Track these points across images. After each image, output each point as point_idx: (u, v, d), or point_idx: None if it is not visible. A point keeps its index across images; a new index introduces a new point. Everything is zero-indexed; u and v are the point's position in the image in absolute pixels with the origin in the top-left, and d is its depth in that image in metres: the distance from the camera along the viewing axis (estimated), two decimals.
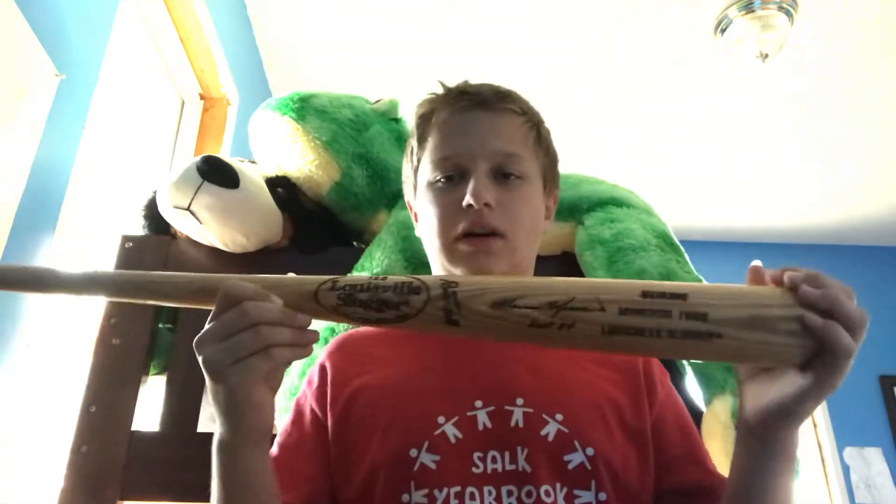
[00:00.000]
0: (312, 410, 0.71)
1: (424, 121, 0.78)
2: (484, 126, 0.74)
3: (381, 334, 0.77)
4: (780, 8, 2.30)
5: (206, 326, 0.55)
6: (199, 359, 0.56)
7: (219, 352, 0.54)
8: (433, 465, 0.61)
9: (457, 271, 0.72)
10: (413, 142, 0.79)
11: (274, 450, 0.70)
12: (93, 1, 1.36)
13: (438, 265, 0.76)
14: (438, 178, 0.74)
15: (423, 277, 0.56)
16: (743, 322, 0.50)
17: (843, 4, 2.33)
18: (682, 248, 1.11)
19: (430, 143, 0.76)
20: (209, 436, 0.59)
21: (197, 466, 0.97)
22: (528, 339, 0.54)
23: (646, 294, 0.51)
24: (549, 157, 0.80)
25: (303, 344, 0.55)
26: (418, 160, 0.78)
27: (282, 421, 0.78)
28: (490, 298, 0.53)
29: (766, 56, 2.37)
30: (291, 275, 0.60)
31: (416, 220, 0.82)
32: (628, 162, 3.26)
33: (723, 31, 2.42)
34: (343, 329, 0.97)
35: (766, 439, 0.55)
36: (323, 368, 0.74)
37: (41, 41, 1.12)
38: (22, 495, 1.17)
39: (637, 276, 1.03)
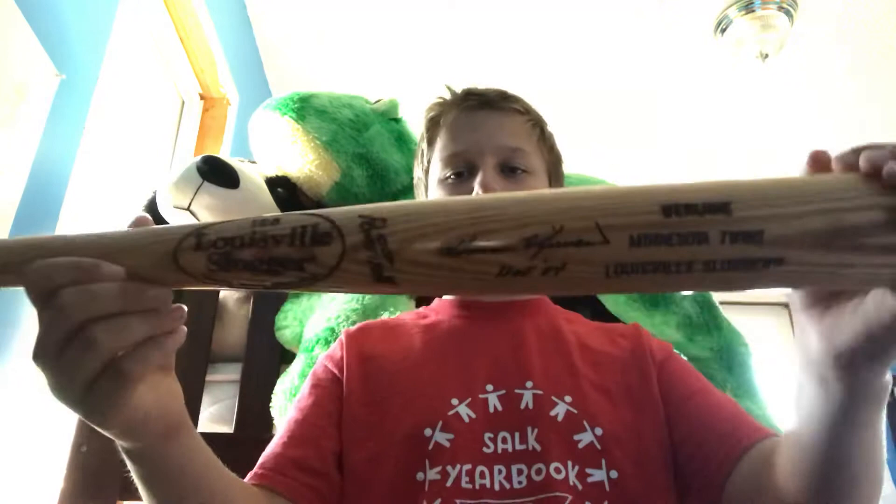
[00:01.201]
0: (330, 372, 0.72)
1: (433, 123, 0.81)
2: (490, 123, 0.77)
3: (394, 325, 0.79)
4: (780, 8, 2.31)
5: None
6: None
7: (57, 376, 0.38)
8: (447, 444, 0.62)
9: None
10: (423, 144, 0.83)
11: (292, 413, 0.70)
12: (93, 1, 1.36)
13: None
14: (448, 174, 0.77)
15: (334, 215, 0.39)
16: (816, 237, 0.35)
17: (843, 4, 2.33)
18: None
19: (440, 143, 0.79)
20: (209, 436, 0.58)
21: None
22: (497, 291, 0.40)
23: (668, 210, 0.35)
24: (553, 155, 0.82)
25: (166, 332, 0.41)
26: (428, 161, 0.81)
27: (282, 421, 0.78)
28: (435, 242, 0.36)
29: (766, 56, 2.37)
30: (143, 227, 0.41)
31: None
32: (628, 162, 3.26)
33: (723, 31, 2.42)
34: (340, 327, 0.98)
35: (851, 385, 0.42)
36: (339, 357, 0.74)
37: (41, 41, 1.12)
38: (22, 495, 1.17)
39: None
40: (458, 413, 0.64)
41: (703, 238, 0.35)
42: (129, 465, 0.47)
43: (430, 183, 0.81)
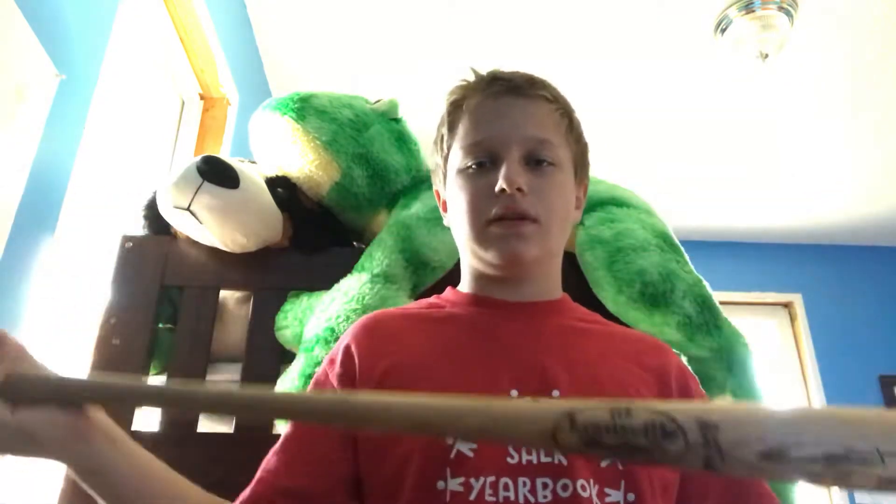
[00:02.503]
0: (339, 379, 0.69)
1: (455, 107, 0.77)
2: (516, 111, 0.73)
3: (415, 318, 0.76)
4: (780, 8, 2.30)
5: None
6: None
7: None
8: (470, 454, 0.59)
9: (488, 256, 0.71)
10: (443, 129, 0.78)
11: (289, 431, 0.68)
12: (93, 1, 1.36)
13: (469, 251, 0.75)
14: (470, 164, 0.73)
15: (675, 413, 0.46)
16: None
17: (843, 5, 2.33)
18: (682, 248, 1.11)
19: (462, 130, 0.75)
20: (209, 436, 0.59)
21: (197, 466, 0.97)
22: (792, 481, 0.50)
23: None
24: (580, 146, 0.79)
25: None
26: (448, 147, 0.77)
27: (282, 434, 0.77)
28: (758, 448, 0.45)
29: (766, 56, 2.37)
30: (516, 401, 0.53)
31: (445, 210, 0.81)
32: (627, 161, 3.25)
33: (723, 31, 2.42)
34: (341, 327, 0.97)
35: None
36: (348, 349, 0.71)
37: (41, 41, 1.12)
38: (22, 495, 1.17)
39: (637, 276, 1.03)
40: None
41: None
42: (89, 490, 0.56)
43: (448, 171, 0.77)
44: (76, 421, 0.56)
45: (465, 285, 0.78)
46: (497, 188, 0.68)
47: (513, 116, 0.73)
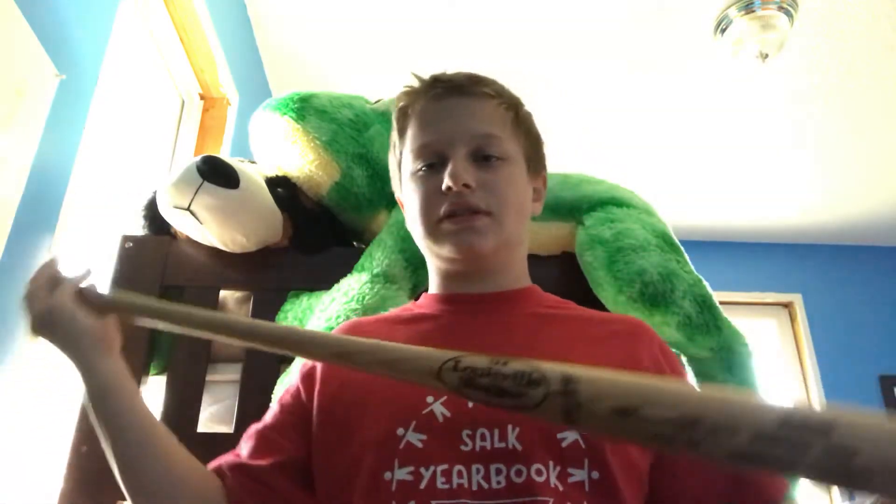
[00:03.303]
0: (298, 389, 0.73)
1: (403, 114, 0.79)
2: (460, 111, 0.75)
3: (387, 321, 0.79)
4: (780, 8, 2.30)
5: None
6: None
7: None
8: (419, 444, 0.61)
9: (444, 251, 0.72)
10: (394, 136, 0.80)
11: (264, 420, 0.75)
12: (93, 1, 1.36)
13: (427, 250, 0.77)
14: (419, 166, 0.74)
15: (543, 367, 0.52)
16: None
17: (843, 4, 2.33)
18: (682, 248, 1.11)
19: (410, 134, 0.77)
20: (209, 436, 0.59)
21: None
22: (646, 444, 0.55)
23: (783, 424, 0.45)
24: (530, 139, 0.80)
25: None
26: (400, 153, 0.79)
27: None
28: (612, 404, 0.49)
29: (766, 56, 2.37)
30: (410, 346, 0.58)
31: (406, 213, 0.83)
32: (628, 162, 3.25)
33: (723, 31, 2.42)
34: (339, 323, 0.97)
35: None
36: None
37: (41, 41, 1.12)
38: (22, 495, 1.17)
39: (637, 275, 1.03)
40: (433, 412, 0.62)
41: (807, 447, 0.43)
42: (87, 396, 0.67)
43: (403, 176, 0.79)
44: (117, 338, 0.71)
45: (433, 287, 0.80)
46: (444, 186, 0.70)
47: (456, 116, 0.74)
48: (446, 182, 0.70)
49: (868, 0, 2.31)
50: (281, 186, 1.18)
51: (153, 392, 1.10)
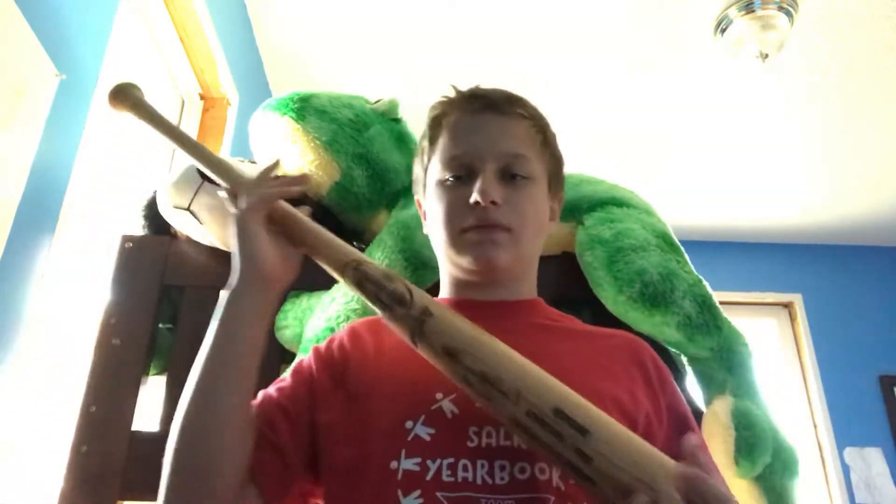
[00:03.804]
0: (312, 373, 0.73)
1: (436, 123, 0.81)
2: (493, 128, 0.77)
3: None
4: (780, 8, 2.30)
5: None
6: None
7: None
8: (427, 438, 0.63)
9: (463, 261, 0.75)
10: (424, 142, 0.83)
11: (270, 390, 0.73)
12: (93, 1, 1.36)
13: (446, 258, 0.79)
14: (448, 176, 0.77)
15: (417, 294, 0.65)
16: (617, 484, 0.52)
17: (843, 4, 2.33)
18: (682, 248, 1.11)
19: (441, 144, 0.80)
20: None
21: None
22: (459, 384, 0.62)
23: (557, 412, 0.55)
24: (554, 160, 0.83)
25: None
26: (428, 160, 0.81)
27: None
28: (444, 342, 0.61)
29: (766, 56, 2.37)
30: (336, 239, 0.72)
31: (425, 219, 0.85)
32: (627, 161, 3.26)
33: (723, 31, 2.42)
34: (340, 327, 0.97)
35: None
36: (333, 340, 0.77)
37: (41, 41, 1.12)
38: (22, 495, 1.17)
39: (637, 276, 1.03)
40: (442, 408, 0.64)
41: (561, 438, 0.55)
42: (217, 310, 0.68)
43: (428, 182, 0.81)
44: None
45: (443, 291, 0.83)
46: (472, 200, 0.73)
47: (489, 132, 0.77)
48: (475, 197, 0.72)
49: (868, 0, 2.31)
50: None
51: (153, 392, 1.10)
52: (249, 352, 0.67)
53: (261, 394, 0.73)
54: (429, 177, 0.81)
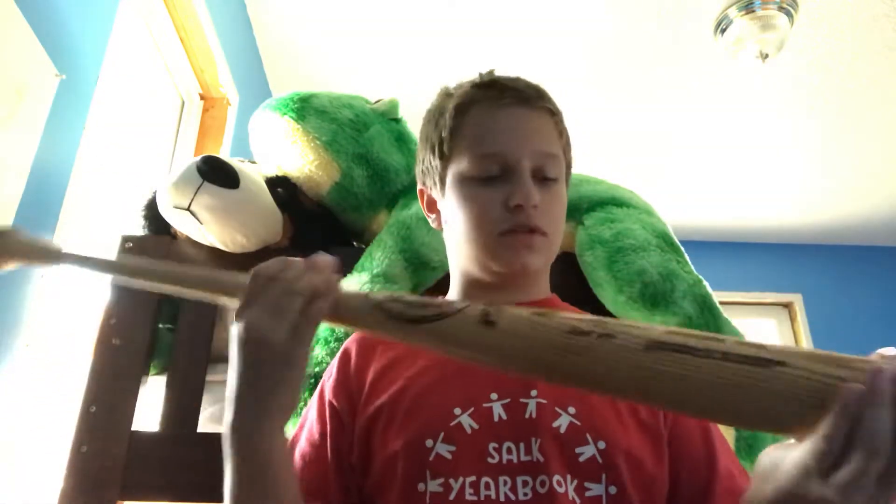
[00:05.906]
0: (331, 404, 0.71)
1: (459, 111, 0.76)
2: (526, 125, 0.74)
3: None
4: (780, 8, 2.30)
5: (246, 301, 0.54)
6: (240, 326, 0.53)
7: (269, 321, 0.53)
8: (448, 455, 0.62)
9: (494, 265, 0.73)
10: (444, 132, 0.76)
11: (303, 445, 0.70)
12: (93, 1, 1.36)
13: (469, 258, 0.75)
14: (479, 174, 0.73)
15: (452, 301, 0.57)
16: (808, 355, 0.44)
17: (843, 4, 2.33)
18: (682, 248, 1.11)
19: (469, 137, 0.75)
20: (209, 436, 0.59)
21: (197, 466, 0.97)
22: (562, 350, 0.49)
23: (690, 335, 0.48)
24: (567, 157, 0.81)
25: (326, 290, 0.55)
26: (450, 150, 0.76)
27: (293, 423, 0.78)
28: (529, 309, 0.52)
29: (766, 56, 2.37)
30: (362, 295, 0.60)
31: (431, 211, 0.82)
32: (627, 161, 3.25)
33: (723, 31, 2.42)
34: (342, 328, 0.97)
35: None
36: (343, 358, 0.75)
37: (41, 41, 1.12)
38: (22, 495, 1.17)
39: (637, 276, 1.02)
40: (461, 423, 0.63)
41: (720, 340, 0.47)
42: (232, 447, 0.54)
43: (449, 174, 0.76)
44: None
45: (453, 292, 0.80)
46: (513, 203, 0.70)
47: (523, 129, 0.74)
48: (517, 199, 0.69)
49: (868, 0, 2.31)
50: (281, 186, 1.18)
51: (153, 392, 1.10)
52: (283, 469, 0.57)
53: (298, 457, 0.69)
54: (450, 168, 0.76)
